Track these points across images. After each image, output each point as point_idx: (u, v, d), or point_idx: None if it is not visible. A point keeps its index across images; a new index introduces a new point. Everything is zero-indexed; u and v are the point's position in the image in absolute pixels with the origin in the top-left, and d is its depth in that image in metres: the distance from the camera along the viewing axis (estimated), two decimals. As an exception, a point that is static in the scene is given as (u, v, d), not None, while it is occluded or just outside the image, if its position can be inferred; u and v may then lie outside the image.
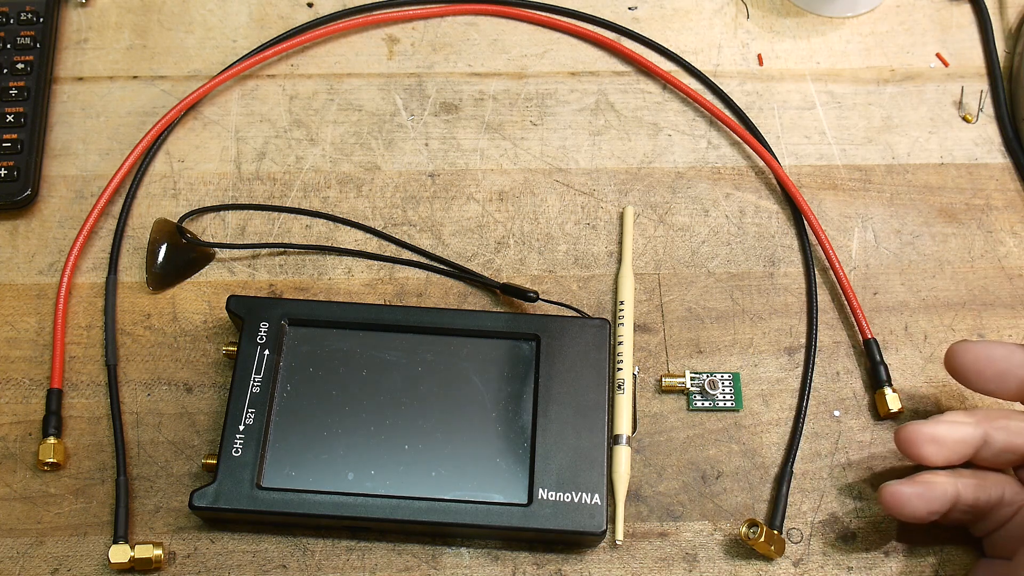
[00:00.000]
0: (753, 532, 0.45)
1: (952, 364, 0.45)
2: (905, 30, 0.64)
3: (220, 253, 0.55)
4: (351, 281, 0.54)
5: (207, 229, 0.55)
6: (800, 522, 0.48)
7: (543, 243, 0.55)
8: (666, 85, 0.61)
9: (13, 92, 0.57)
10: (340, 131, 0.59)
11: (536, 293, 0.52)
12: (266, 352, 0.48)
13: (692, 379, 0.51)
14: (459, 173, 0.58)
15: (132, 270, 0.54)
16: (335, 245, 0.55)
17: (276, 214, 0.56)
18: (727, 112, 0.60)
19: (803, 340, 0.53)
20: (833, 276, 0.54)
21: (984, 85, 0.62)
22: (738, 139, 0.59)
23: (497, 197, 0.57)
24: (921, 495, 0.42)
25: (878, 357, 0.51)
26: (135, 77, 0.61)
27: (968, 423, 0.43)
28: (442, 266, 0.54)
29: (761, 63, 0.62)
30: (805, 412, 0.50)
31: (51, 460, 0.48)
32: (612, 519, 0.47)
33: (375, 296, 0.54)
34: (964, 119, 0.60)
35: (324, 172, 0.57)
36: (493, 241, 0.55)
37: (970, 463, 0.44)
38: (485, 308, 0.53)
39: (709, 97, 0.61)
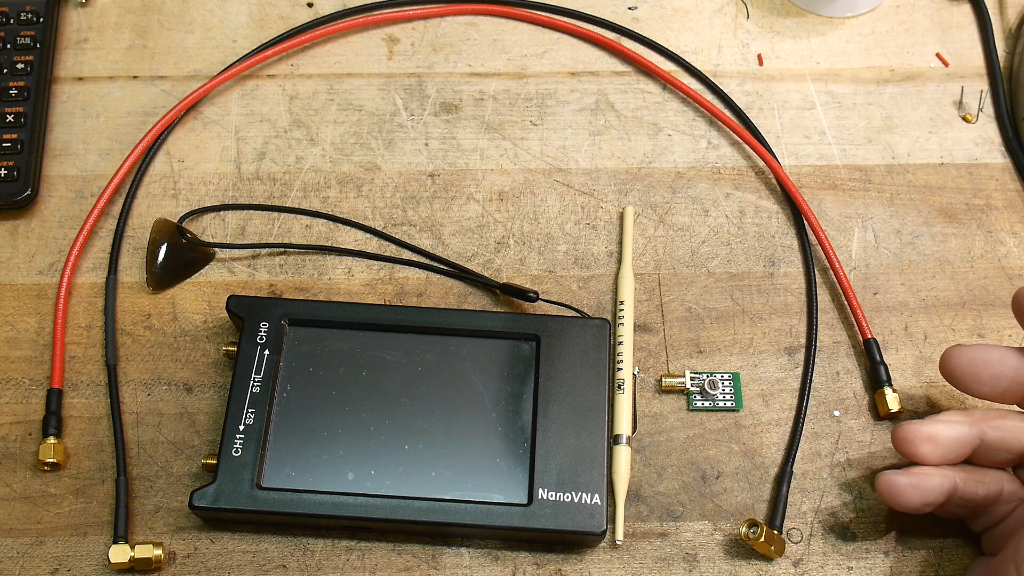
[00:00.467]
0: (753, 532, 0.45)
1: (947, 368, 0.45)
2: (905, 30, 0.64)
3: (220, 253, 0.55)
4: (351, 281, 0.54)
5: (207, 229, 0.55)
6: (800, 522, 0.48)
7: (543, 243, 0.55)
8: (666, 85, 0.61)
9: (13, 92, 0.57)
10: (340, 131, 0.59)
11: (536, 293, 0.52)
12: (266, 352, 0.48)
13: (692, 379, 0.51)
14: (459, 173, 0.58)
15: (132, 270, 0.54)
16: (335, 245, 0.55)
17: (276, 214, 0.56)
18: (727, 112, 0.60)
19: (803, 340, 0.53)
20: (833, 276, 0.54)
21: (984, 85, 0.62)
22: (738, 139, 0.59)
23: (497, 197, 0.57)
24: (916, 486, 0.43)
25: (878, 357, 0.51)
26: (135, 77, 0.61)
27: (964, 422, 0.43)
28: (442, 266, 0.54)
29: (761, 63, 0.62)
30: (805, 412, 0.50)
31: (51, 460, 0.48)
32: (612, 519, 0.47)
33: (375, 296, 0.54)
34: (964, 119, 0.60)
35: (324, 172, 0.57)
36: (493, 241, 0.55)
37: (968, 462, 0.44)
38: (485, 308, 0.53)
39: (709, 97, 0.61)
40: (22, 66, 0.58)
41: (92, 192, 0.56)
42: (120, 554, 0.45)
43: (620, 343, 0.51)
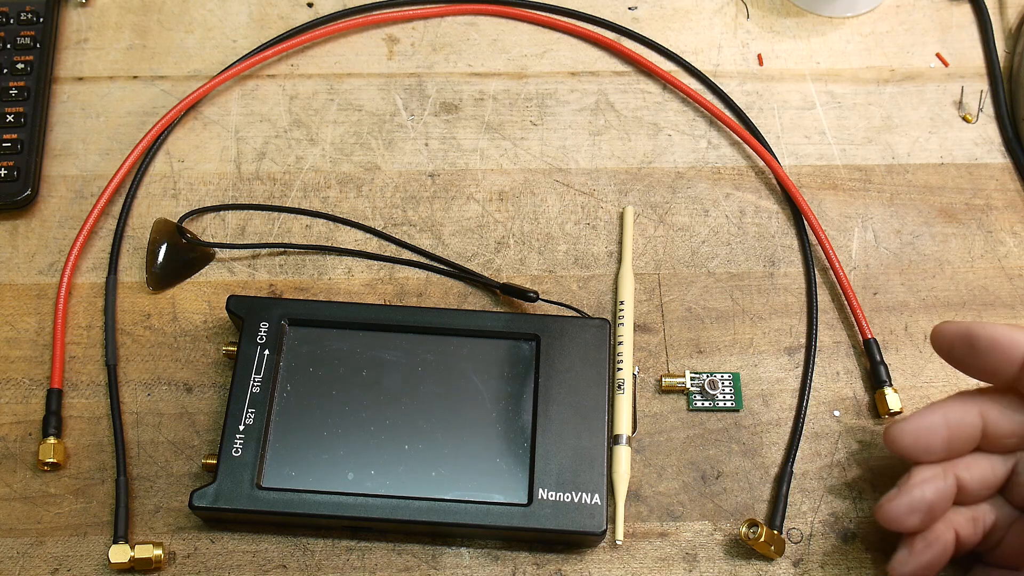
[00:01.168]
0: (753, 532, 0.45)
1: (896, 447, 0.43)
2: (905, 30, 0.64)
3: (220, 253, 0.55)
4: (351, 281, 0.54)
5: (207, 229, 0.55)
6: (800, 522, 0.48)
7: (543, 243, 0.55)
8: (666, 85, 0.61)
9: (13, 92, 0.57)
10: (340, 131, 0.59)
11: (536, 293, 0.52)
12: (266, 352, 0.48)
13: (692, 379, 0.51)
14: (459, 173, 0.58)
15: (132, 270, 0.54)
16: (335, 245, 0.55)
17: (276, 214, 0.56)
18: (727, 112, 0.60)
19: (803, 340, 0.53)
20: (833, 276, 0.54)
21: (984, 85, 0.62)
22: (738, 139, 0.59)
23: (497, 197, 0.57)
24: (934, 563, 0.43)
25: (878, 357, 0.51)
26: (135, 77, 0.61)
27: (937, 477, 0.43)
28: (442, 266, 0.54)
29: (761, 63, 0.62)
30: (805, 412, 0.50)
31: (51, 460, 0.48)
32: (612, 519, 0.47)
33: (375, 296, 0.54)
34: (964, 119, 0.60)
35: (324, 172, 0.57)
36: (493, 241, 0.55)
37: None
38: (485, 308, 0.53)
39: (709, 97, 0.61)
40: (22, 66, 0.58)
41: (92, 192, 0.56)
42: (120, 554, 0.45)
43: (620, 343, 0.51)
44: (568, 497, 0.45)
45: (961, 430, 0.42)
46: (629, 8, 0.64)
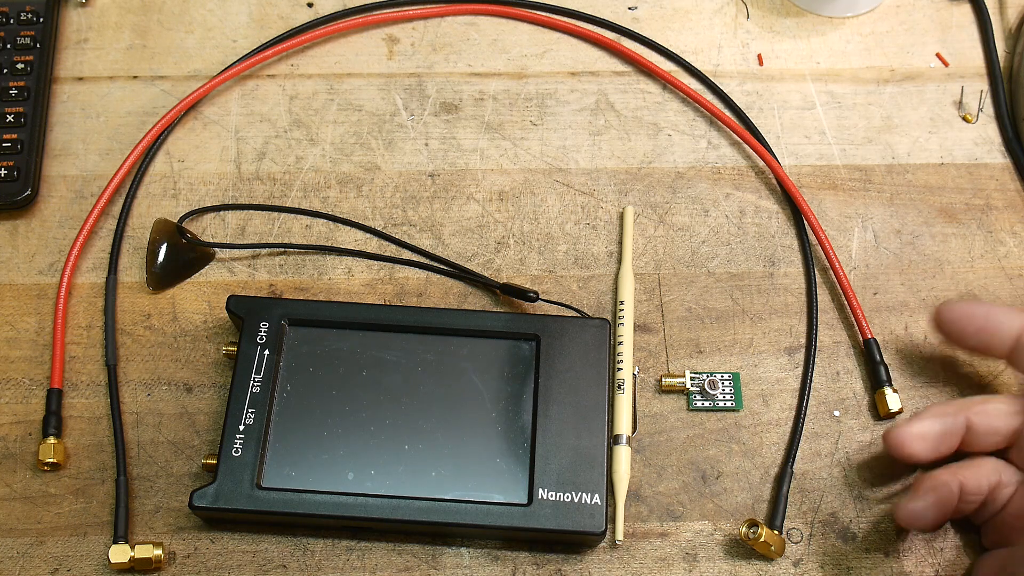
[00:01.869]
0: (753, 532, 0.45)
1: (937, 322, 0.48)
2: (905, 30, 0.64)
3: (220, 253, 0.55)
4: (351, 281, 0.54)
5: (207, 229, 0.55)
6: (800, 522, 0.48)
7: (543, 243, 0.55)
8: (666, 85, 0.61)
9: (13, 92, 0.57)
10: (340, 131, 0.59)
11: (536, 293, 0.52)
12: (266, 352, 0.48)
13: (692, 379, 0.51)
14: (459, 173, 0.58)
15: (132, 270, 0.54)
16: (335, 245, 0.55)
17: (276, 214, 0.56)
18: (727, 112, 0.60)
19: (803, 340, 0.53)
20: (833, 276, 0.54)
21: (984, 85, 0.62)
22: (738, 139, 0.59)
23: (497, 197, 0.57)
24: (936, 504, 0.43)
25: (878, 357, 0.51)
26: (135, 77, 0.61)
27: (948, 413, 0.45)
28: (442, 266, 0.54)
29: (761, 63, 0.62)
30: (805, 412, 0.50)
31: (51, 460, 0.48)
32: (612, 519, 0.47)
33: (375, 296, 0.54)
34: (964, 119, 0.60)
35: (324, 172, 0.57)
36: (493, 241, 0.55)
37: (958, 455, 0.45)
38: (485, 308, 0.53)
39: (709, 97, 0.61)
40: (22, 66, 0.58)
41: (92, 192, 0.56)
42: (120, 554, 0.45)
43: (620, 343, 0.51)
44: (568, 497, 0.45)
45: (997, 327, 0.46)
46: (629, 8, 0.64)
